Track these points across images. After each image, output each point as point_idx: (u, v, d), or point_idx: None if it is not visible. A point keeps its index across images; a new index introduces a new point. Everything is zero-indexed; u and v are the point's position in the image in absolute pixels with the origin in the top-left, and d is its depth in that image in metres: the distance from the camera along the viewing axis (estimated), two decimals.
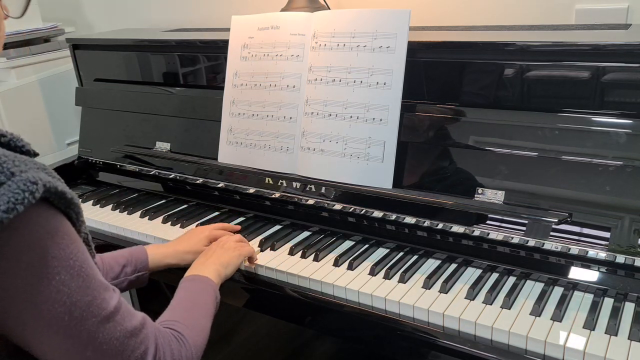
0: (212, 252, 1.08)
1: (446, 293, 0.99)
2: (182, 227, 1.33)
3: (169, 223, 1.35)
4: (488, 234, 1.05)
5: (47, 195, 0.64)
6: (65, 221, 0.67)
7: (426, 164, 1.13)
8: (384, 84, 1.12)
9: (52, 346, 0.66)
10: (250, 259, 1.14)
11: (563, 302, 0.93)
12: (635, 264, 0.93)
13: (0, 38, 0.75)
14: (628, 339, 0.85)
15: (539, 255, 1.02)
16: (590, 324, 0.88)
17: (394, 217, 1.15)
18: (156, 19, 1.96)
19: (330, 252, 1.16)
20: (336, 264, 1.11)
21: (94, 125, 1.66)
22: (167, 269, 1.13)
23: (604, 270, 0.97)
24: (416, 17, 1.15)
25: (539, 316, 0.91)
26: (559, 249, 0.99)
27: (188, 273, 1.02)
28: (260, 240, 1.21)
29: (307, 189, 1.24)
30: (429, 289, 1.01)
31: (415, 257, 1.12)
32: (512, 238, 1.03)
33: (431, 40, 1.15)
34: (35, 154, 0.71)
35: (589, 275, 0.98)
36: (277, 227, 1.29)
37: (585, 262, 0.98)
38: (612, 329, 0.87)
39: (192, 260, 1.08)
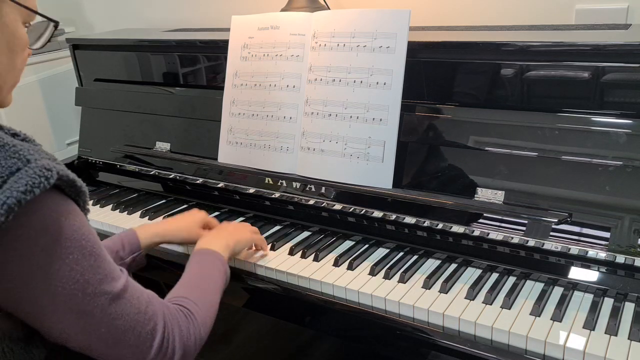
0: (223, 228, 1.11)
1: (446, 293, 0.99)
2: None
3: None
4: (488, 234, 1.05)
5: (59, 183, 0.68)
6: (75, 206, 0.71)
7: (426, 164, 1.13)
8: (384, 84, 1.12)
9: (68, 325, 0.69)
10: (257, 249, 1.15)
11: (563, 302, 0.93)
12: (635, 264, 0.93)
13: (21, 71, 0.77)
14: (628, 339, 0.85)
15: (538, 255, 1.02)
16: (590, 324, 0.88)
17: (393, 217, 1.15)
18: (156, 19, 1.96)
19: (330, 252, 1.16)
20: (336, 264, 1.11)
21: (94, 125, 1.66)
22: (167, 269, 1.13)
23: (604, 270, 0.97)
24: (416, 17, 1.15)
25: (539, 316, 0.91)
26: (558, 249, 0.99)
27: (198, 245, 1.03)
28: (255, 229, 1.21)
29: (307, 189, 1.24)
30: (429, 289, 1.01)
31: (415, 257, 1.12)
32: (512, 238, 1.03)
33: (431, 40, 1.15)
34: None
35: (589, 275, 0.98)
36: (277, 227, 1.29)
37: (585, 262, 0.98)
38: (612, 329, 0.87)
39: (184, 237, 1.10)
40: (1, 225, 0.61)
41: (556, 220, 0.98)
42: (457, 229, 1.08)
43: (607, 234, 0.96)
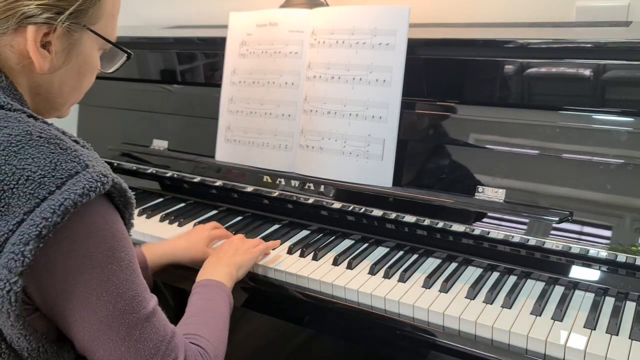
0: (224, 252, 1.07)
1: (446, 292, 0.99)
2: (179, 225, 1.32)
3: (167, 222, 1.34)
4: (488, 232, 1.05)
5: (112, 190, 0.70)
6: (119, 217, 0.73)
7: (426, 162, 1.12)
8: (384, 81, 1.11)
9: (93, 335, 0.69)
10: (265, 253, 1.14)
11: (564, 301, 0.93)
12: (636, 262, 0.93)
13: (87, 89, 0.82)
14: (629, 338, 0.85)
15: (539, 254, 1.01)
16: (591, 324, 0.88)
17: (393, 215, 1.14)
18: (154, 17, 1.95)
19: (329, 251, 1.15)
20: (335, 263, 1.10)
21: (91, 123, 1.65)
22: (167, 268, 1.12)
23: (605, 269, 0.96)
24: (416, 14, 1.15)
25: (540, 316, 0.91)
26: (559, 248, 0.98)
27: (200, 276, 1.01)
28: (259, 239, 1.20)
29: (306, 187, 1.23)
30: (429, 288, 1.00)
31: (415, 256, 1.11)
32: (513, 237, 1.02)
33: (431, 37, 1.14)
34: None
35: (590, 274, 0.97)
36: (276, 226, 1.28)
37: (586, 261, 0.97)
38: (613, 329, 0.86)
39: (192, 257, 1.08)
40: (56, 225, 0.63)
41: (557, 218, 0.97)
42: (458, 227, 1.07)
43: (608, 233, 0.95)
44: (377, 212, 1.16)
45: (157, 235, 1.28)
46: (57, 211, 0.63)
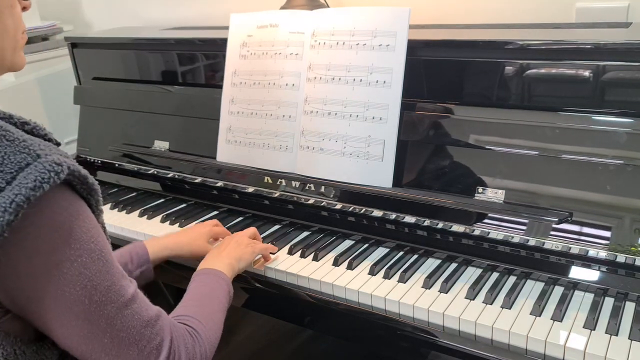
0: (225, 245, 1.08)
1: (446, 293, 0.99)
2: (180, 226, 1.32)
3: (168, 222, 1.35)
4: (488, 233, 1.05)
5: (70, 179, 0.65)
6: (86, 206, 0.68)
7: (426, 163, 1.13)
8: (384, 82, 1.11)
9: (72, 331, 0.67)
10: (266, 258, 1.13)
11: (563, 301, 0.93)
12: (636, 263, 0.93)
13: (18, 30, 0.72)
14: (629, 338, 0.85)
15: (539, 255, 1.01)
16: (590, 324, 0.88)
17: (393, 216, 1.14)
18: (155, 18, 1.96)
19: (330, 251, 1.16)
20: (336, 263, 1.10)
21: (92, 124, 1.65)
22: (167, 269, 1.12)
23: (605, 270, 0.96)
24: (416, 16, 1.15)
25: (540, 316, 0.91)
26: (559, 249, 0.99)
27: (201, 266, 1.01)
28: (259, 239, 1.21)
29: (307, 188, 1.24)
30: (429, 288, 1.00)
31: (415, 256, 1.11)
32: (513, 237, 1.02)
33: (431, 38, 1.14)
34: (58, 144, 0.72)
35: (590, 274, 0.97)
36: (276, 226, 1.29)
37: (586, 261, 0.97)
38: (613, 329, 0.86)
39: (193, 251, 1.08)
40: (11, 224, 0.59)
41: (557, 219, 0.98)
42: (458, 228, 1.07)
43: (607, 233, 0.95)
44: (377, 213, 1.16)
45: (158, 236, 1.28)
46: (8, 209, 0.58)
